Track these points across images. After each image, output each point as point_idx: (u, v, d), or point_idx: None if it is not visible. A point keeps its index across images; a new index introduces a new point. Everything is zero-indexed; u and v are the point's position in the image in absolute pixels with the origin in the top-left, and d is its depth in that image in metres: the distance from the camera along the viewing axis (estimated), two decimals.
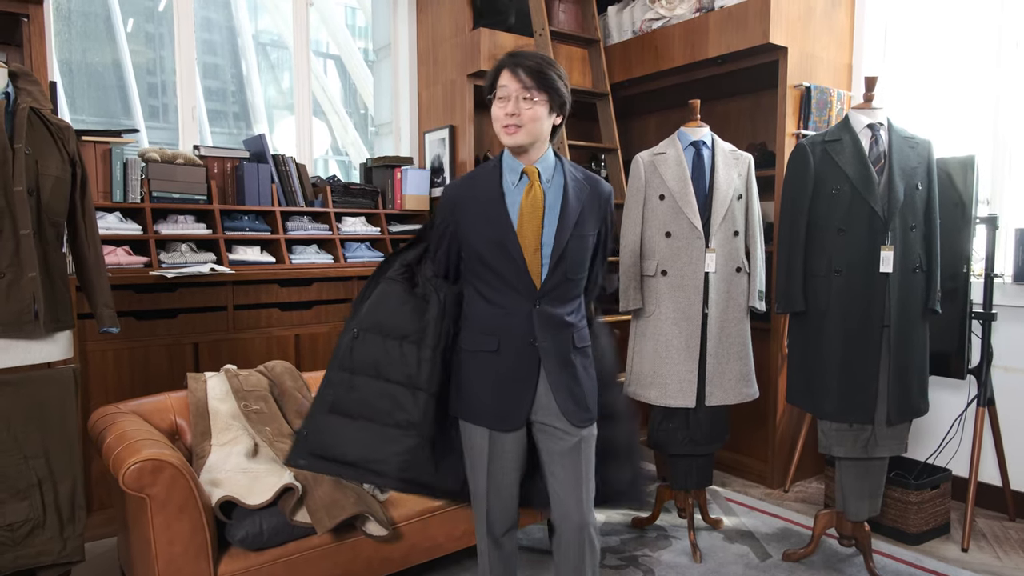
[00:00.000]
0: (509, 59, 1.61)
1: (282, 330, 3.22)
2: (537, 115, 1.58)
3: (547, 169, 1.65)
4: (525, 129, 1.58)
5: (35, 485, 1.68)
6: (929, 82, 3.35)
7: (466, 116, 3.72)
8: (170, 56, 3.66)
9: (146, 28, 4.71)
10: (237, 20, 5.22)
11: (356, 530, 2.04)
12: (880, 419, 2.36)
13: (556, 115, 1.64)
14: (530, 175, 1.64)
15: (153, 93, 4.71)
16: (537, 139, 1.61)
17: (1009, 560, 2.62)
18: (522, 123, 1.58)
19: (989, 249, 2.81)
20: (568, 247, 1.62)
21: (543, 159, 1.65)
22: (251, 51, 5.28)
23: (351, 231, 3.67)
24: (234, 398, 2.29)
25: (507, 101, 1.58)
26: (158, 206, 3.11)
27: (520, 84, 1.57)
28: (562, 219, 1.62)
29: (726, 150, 2.66)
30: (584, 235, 1.65)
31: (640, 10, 3.87)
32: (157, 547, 1.74)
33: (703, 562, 2.58)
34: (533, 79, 1.56)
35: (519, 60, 1.59)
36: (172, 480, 1.75)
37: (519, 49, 1.66)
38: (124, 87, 4.40)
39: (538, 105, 1.58)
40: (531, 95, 1.57)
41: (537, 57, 1.61)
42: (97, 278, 1.94)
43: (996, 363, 2.95)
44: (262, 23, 5.61)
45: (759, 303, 2.66)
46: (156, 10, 4.71)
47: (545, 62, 1.60)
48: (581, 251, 1.65)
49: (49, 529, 1.70)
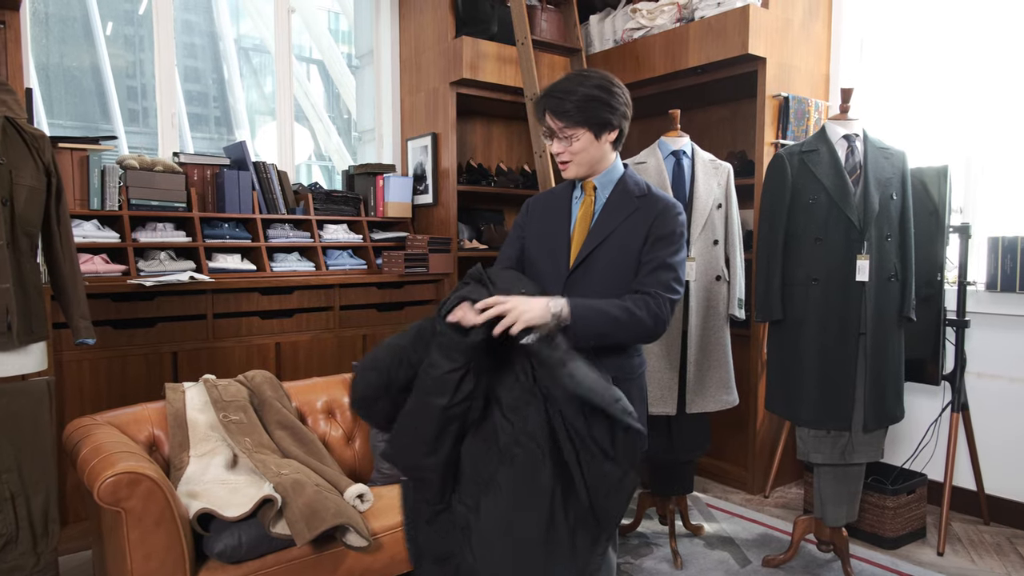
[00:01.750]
0: (545, 98, 1.64)
1: (262, 338, 3.19)
2: (581, 148, 1.64)
3: (607, 183, 1.71)
4: (574, 163, 1.66)
5: (8, 499, 1.65)
6: (904, 92, 3.41)
7: (449, 124, 3.73)
8: (150, 59, 3.62)
9: (125, 31, 4.67)
10: (219, 24, 5.19)
11: (336, 541, 2.02)
12: (857, 426, 2.39)
13: (607, 135, 1.65)
14: (586, 189, 1.73)
15: (133, 97, 4.66)
16: (593, 165, 1.68)
17: (984, 564, 2.67)
18: (569, 159, 1.66)
19: (962, 257, 2.86)
20: (593, 255, 1.65)
21: (605, 174, 1.71)
22: (233, 56, 5.25)
23: (333, 238, 3.66)
24: (213, 408, 2.27)
25: (552, 140, 1.66)
26: (137, 214, 3.08)
27: (557, 124, 1.63)
28: (595, 228, 1.67)
29: (706, 159, 2.69)
30: (624, 249, 1.65)
31: (621, 20, 3.90)
32: (133, 562, 1.71)
33: (684, 568, 2.59)
34: (566, 119, 1.61)
35: (548, 102, 1.62)
36: (149, 493, 1.73)
37: (559, 81, 1.65)
38: (103, 91, 4.36)
39: (578, 140, 1.63)
40: (569, 132, 1.62)
41: (564, 91, 1.61)
42: (72, 289, 1.91)
43: (969, 369, 3.01)
44: (244, 28, 5.58)
45: (739, 311, 2.69)
46: (136, 13, 4.68)
47: (570, 93, 1.60)
48: (610, 265, 1.64)
49: (22, 544, 1.68)
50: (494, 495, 1.43)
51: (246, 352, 3.14)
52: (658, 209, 1.67)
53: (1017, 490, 2.97)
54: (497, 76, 3.67)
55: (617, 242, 1.65)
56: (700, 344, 2.62)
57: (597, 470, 1.42)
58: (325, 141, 5.31)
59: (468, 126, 4.18)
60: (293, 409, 2.44)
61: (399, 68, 4.13)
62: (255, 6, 5.44)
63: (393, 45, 4.13)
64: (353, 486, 2.15)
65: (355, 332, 3.47)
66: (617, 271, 1.65)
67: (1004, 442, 2.99)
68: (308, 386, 2.60)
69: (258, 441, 2.23)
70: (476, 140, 4.25)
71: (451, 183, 3.75)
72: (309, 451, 2.28)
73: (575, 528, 1.43)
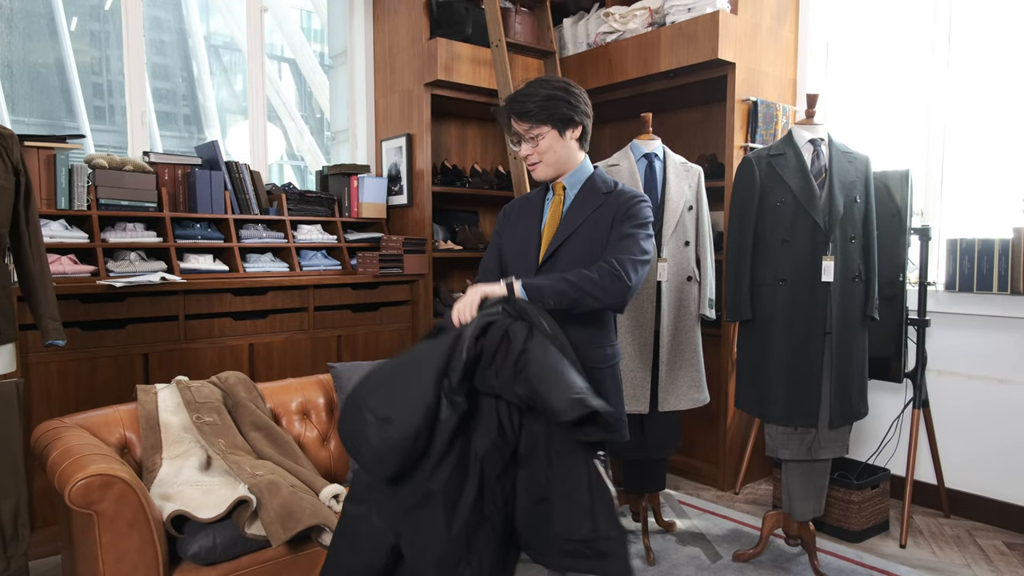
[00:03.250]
0: (508, 103, 1.71)
1: (235, 339, 3.17)
2: (548, 147, 1.71)
3: (575, 183, 1.77)
4: (543, 163, 1.73)
5: None
6: (869, 97, 3.51)
7: (423, 125, 3.73)
8: (117, 56, 3.57)
9: (91, 27, 4.58)
10: (188, 21, 5.12)
11: (312, 542, 2.02)
12: (823, 422, 2.46)
13: (570, 131, 1.71)
14: (555, 189, 1.80)
15: (99, 94, 4.58)
16: (560, 164, 1.74)
17: (944, 555, 2.76)
18: (537, 160, 1.72)
19: (922, 259, 2.96)
20: (561, 248, 1.71)
21: (573, 173, 1.78)
22: (203, 53, 5.18)
23: (307, 239, 3.65)
24: (186, 410, 2.25)
25: (520, 144, 1.73)
26: (106, 213, 3.03)
27: (523, 126, 1.69)
28: (563, 225, 1.73)
29: (677, 162, 2.74)
30: (592, 242, 1.71)
31: (595, 23, 3.95)
32: (105, 565, 1.70)
33: (657, 565, 2.64)
34: (526, 120, 1.68)
35: (512, 106, 1.70)
36: (121, 495, 1.71)
37: (518, 89, 1.73)
38: (68, 88, 4.27)
39: (544, 138, 1.69)
40: (534, 132, 1.69)
41: (525, 94, 1.69)
42: (42, 290, 1.89)
43: (930, 367, 3.11)
44: (214, 25, 5.51)
45: (709, 311, 2.74)
46: (102, 9, 4.59)
47: (531, 96, 1.68)
48: (579, 257, 1.69)
49: None
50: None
51: (219, 353, 3.12)
52: (625, 198, 1.73)
53: (976, 484, 3.07)
54: (471, 78, 3.69)
55: (585, 234, 1.72)
56: (672, 343, 2.67)
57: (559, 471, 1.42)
58: (297, 140, 5.27)
59: (443, 127, 4.19)
60: (267, 410, 2.43)
61: (373, 69, 4.13)
62: (226, 4, 5.37)
63: (367, 46, 4.12)
64: (329, 487, 2.15)
65: (330, 333, 3.46)
66: (585, 263, 1.69)
67: (963, 437, 3.09)
68: (283, 387, 2.58)
69: (232, 442, 2.22)
70: (451, 141, 4.26)
71: (426, 184, 3.76)
72: (284, 452, 2.28)
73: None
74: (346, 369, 2.58)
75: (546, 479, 1.41)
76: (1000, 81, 3.06)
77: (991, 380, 3.01)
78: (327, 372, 2.70)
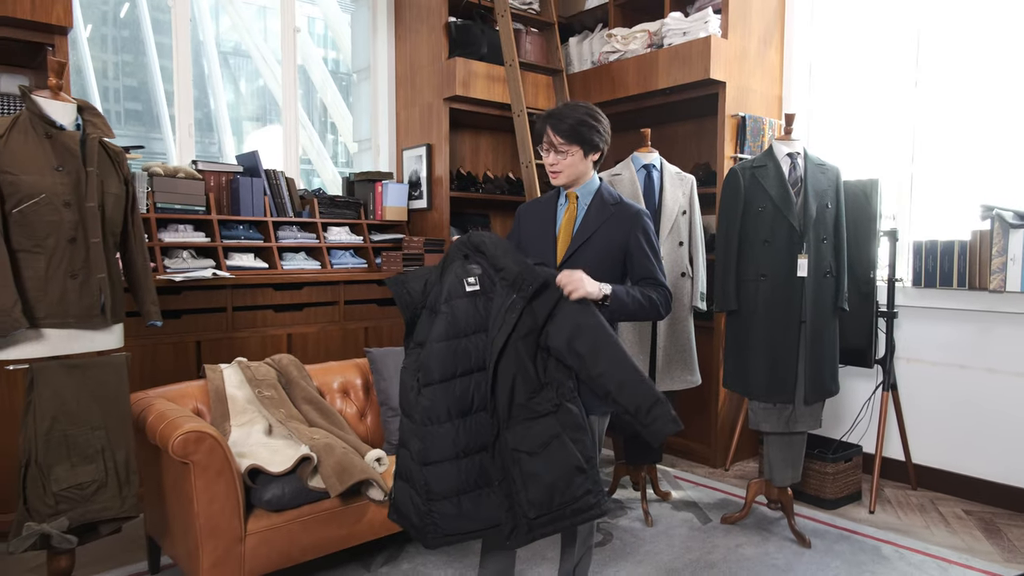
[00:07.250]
0: (548, 119, 1.99)
1: (275, 329, 3.53)
2: (572, 163, 1.99)
3: (587, 194, 2.06)
4: (564, 173, 2.00)
5: (99, 452, 1.98)
6: (847, 112, 3.88)
7: (442, 136, 4.10)
8: (139, 62, 3.84)
9: (104, 31, 4.83)
10: (200, 25, 5.30)
11: (361, 495, 2.38)
12: (799, 399, 2.82)
13: (592, 155, 2.03)
14: (570, 198, 2.06)
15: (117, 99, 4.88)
16: (576, 177, 2.03)
17: (908, 519, 3.12)
18: (561, 170, 2.00)
19: (891, 258, 3.33)
20: (578, 253, 2.00)
21: (585, 186, 2.06)
22: (214, 58, 5.34)
23: (336, 240, 4.01)
24: (248, 386, 2.61)
25: (549, 152, 2.00)
26: (162, 216, 3.39)
27: (557, 139, 1.97)
28: (579, 231, 2.03)
29: (672, 172, 3.10)
30: (604, 247, 2.01)
31: (599, 42, 4.32)
32: (199, 505, 2.05)
33: (654, 526, 3.00)
34: (564, 137, 1.96)
35: (554, 122, 1.97)
36: (211, 449, 2.07)
37: (559, 107, 2.02)
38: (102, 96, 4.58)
39: (571, 155, 1.98)
40: (565, 148, 1.97)
41: (571, 117, 1.95)
42: (144, 279, 2.25)
43: (898, 354, 3.47)
44: (222, 29, 5.75)
45: (701, 303, 3.10)
46: (118, 15, 4.85)
47: (577, 121, 1.95)
48: (594, 258, 1.99)
49: (110, 489, 2.00)
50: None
51: (262, 342, 3.47)
52: (631, 214, 2.04)
53: (940, 459, 3.43)
54: (486, 93, 4.05)
55: (598, 242, 2.03)
56: (668, 332, 3.03)
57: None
58: (306, 145, 5.53)
59: (457, 137, 4.55)
60: (315, 387, 2.79)
61: (395, 84, 4.49)
62: (234, 7, 5.60)
63: (389, 62, 4.49)
64: (372, 451, 2.50)
65: (358, 325, 3.82)
66: (599, 265, 2.01)
67: (928, 417, 3.46)
68: (325, 368, 2.94)
69: (289, 413, 2.58)
70: (465, 150, 4.62)
71: (444, 189, 4.12)
72: (332, 422, 2.64)
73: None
74: (380, 354, 2.93)
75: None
76: (963, 100, 3.43)
77: (953, 366, 3.37)
78: (363, 357, 3.06)
